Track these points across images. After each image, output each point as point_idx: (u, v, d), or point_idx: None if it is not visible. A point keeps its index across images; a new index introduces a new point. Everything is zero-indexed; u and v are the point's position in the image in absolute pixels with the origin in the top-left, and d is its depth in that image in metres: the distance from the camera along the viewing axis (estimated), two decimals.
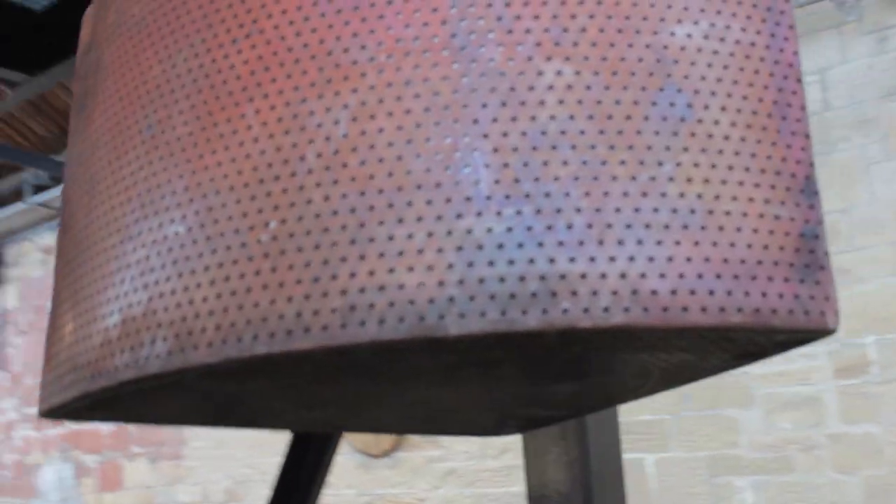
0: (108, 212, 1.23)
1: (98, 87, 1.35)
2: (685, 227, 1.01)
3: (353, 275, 1.00)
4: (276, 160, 1.08)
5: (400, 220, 1.01)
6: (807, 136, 1.10)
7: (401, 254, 1.00)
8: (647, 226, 1.01)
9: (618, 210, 1.01)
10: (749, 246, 1.02)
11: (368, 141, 1.05)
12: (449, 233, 1.00)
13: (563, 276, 0.98)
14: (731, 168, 1.05)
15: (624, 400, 1.39)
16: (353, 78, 1.08)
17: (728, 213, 1.03)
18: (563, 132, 1.03)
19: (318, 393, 1.23)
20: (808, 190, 1.08)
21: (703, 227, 1.02)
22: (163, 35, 1.24)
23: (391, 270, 1.00)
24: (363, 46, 1.09)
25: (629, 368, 1.16)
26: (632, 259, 0.99)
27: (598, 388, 1.29)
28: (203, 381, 1.12)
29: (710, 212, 1.02)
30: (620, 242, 1.00)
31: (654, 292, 0.98)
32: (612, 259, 0.99)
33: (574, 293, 0.97)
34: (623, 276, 0.98)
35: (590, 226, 1.00)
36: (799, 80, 1.13)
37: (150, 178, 1.18)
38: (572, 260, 0.99)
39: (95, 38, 1.40)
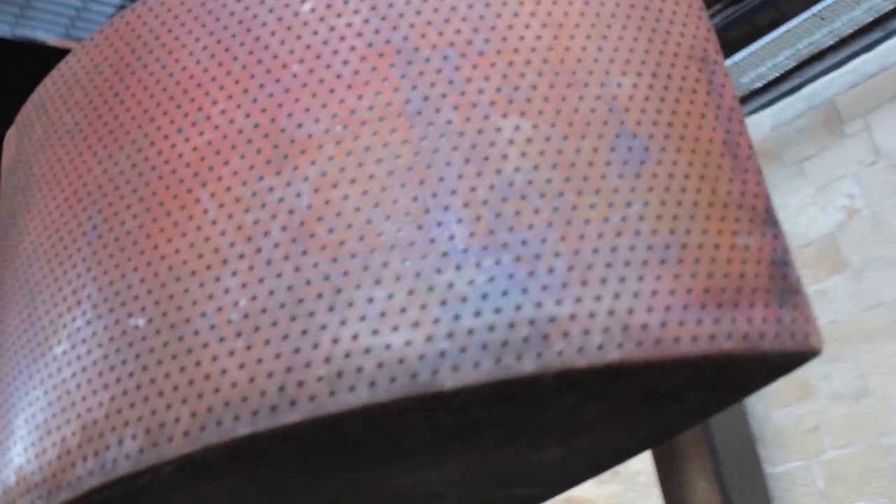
0: (54, 320, 1.16)
1: (29, 201, 1.30)
2: (663, 261, 1.01)
3: (335, 341, 0.97)
4: (238, 239, 1.05)
5: (377, 282, 0.99)
6: (759, 172, 1.13)
7: (383, 314, 0.97)
8: (627, 263, 1.00)
9: (596, 251, 1.01)
10: (726, 275, 1.03)
11: (334, 209, 1.03)
12: (430, 288, 0.98)
13: (552, 319, 0.96)
14: (696, 204, 1.06)
15: (609, 465, 1.36)
16: (311, 151, 1.07)
17: (701, 245, 1.04)
18: (530, 182, 1.03)
19: (294, 491, 1.17)
20: (770, 221, 1.10)
21: (679, 261, 1.02)
22: (101, 136, 1.21)
23: (375, 332, 0.96)
24: (317, 120, 1.08)
25: (616, 421, 1.14)
26: (617, 296, 0.98)
27: (584, 452, 1.25)
28: (177, 479, 1.04)
29: (684, 245, 1.03)
30: (603, 281, 0.99)
31: (644, 326, 0.97)
32: (598, 298, 0.98)
33: (566, 334, 0.96)
34: (611, 313, 0.97)
35: (571, 268, 0.99)
36: (742, 122, 1.16)
37: (100, 277, 1.13)
38: (559, 302, 0.97)
39: (21, 156, 1.36)
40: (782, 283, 1.05)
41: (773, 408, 5.91)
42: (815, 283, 5.91)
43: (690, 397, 1.10)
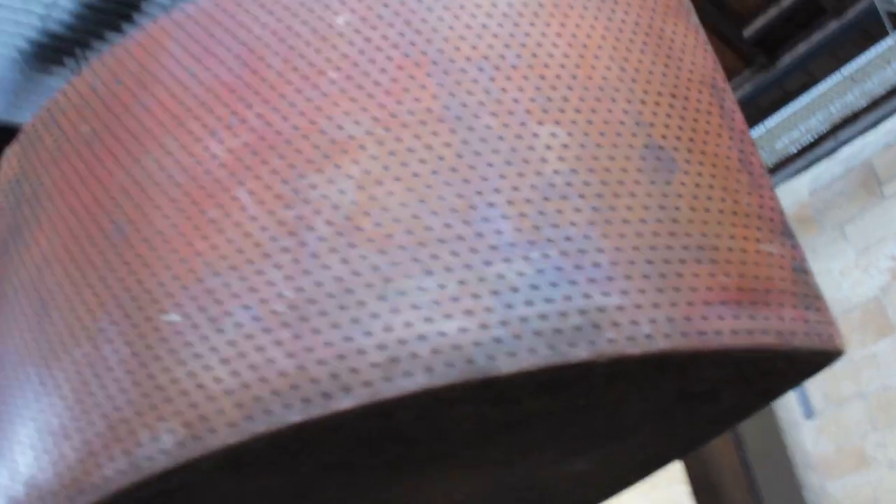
0: (72, 324, 1.14)
1: (38, 212, 1.27)
2: (698, 261, 1.05)
3: (388, 329, 0.97)
4: (280, 233, 1.05)
5: (428, 272, 1.00)
6: (772, 189, 1.19)
7: (436, 303, 0.98)
8: (666, 261, 1.04)
9: (636, 248, 1.04)
10: (756, 277, 1.07)
11: (380, 204, 1.04)
12: (481, 279, 0.99)
13: (601, 310, 0.99)
14: (721, 212, 1.11)
15: (629, 483, 1.37)
16: (352, 151, 1.08)
17: (731, 249, 1.08)
18: (569, 184, 1.07)
19: (329, 498, 1.15)
20: (787, 232, 1.15)
21: (713, 261, 1.06)
22: (124, 142, 1.20)
23: (429, 320, 0.97)
24: (357, 122, 1.10)
25: (652, 424, 1.15)
26: (660, 290, 1.02)
27: (613, 463, 1.26)
28: (213, 479, 1.02)
29: (716, 248, 1.07)
30: (646, 276, 1.02)
31: (687, 318, 1.00)
32: (643, 291, 1.01)
33: (615, 324, 0.98)
34: (656, 305, 1.00)
35: (614, 263, 1.02)
36: (753, 144, 1.23)
37: (126, 278, 1.11)
38: (606, 294, 1.00)
39: (27, 169, 1.34)
40: (805, 288, 1.10)
41: (827, 479, 5.76)
42: (863, 348, 5.75)
43: (724, 397, 1.13)
